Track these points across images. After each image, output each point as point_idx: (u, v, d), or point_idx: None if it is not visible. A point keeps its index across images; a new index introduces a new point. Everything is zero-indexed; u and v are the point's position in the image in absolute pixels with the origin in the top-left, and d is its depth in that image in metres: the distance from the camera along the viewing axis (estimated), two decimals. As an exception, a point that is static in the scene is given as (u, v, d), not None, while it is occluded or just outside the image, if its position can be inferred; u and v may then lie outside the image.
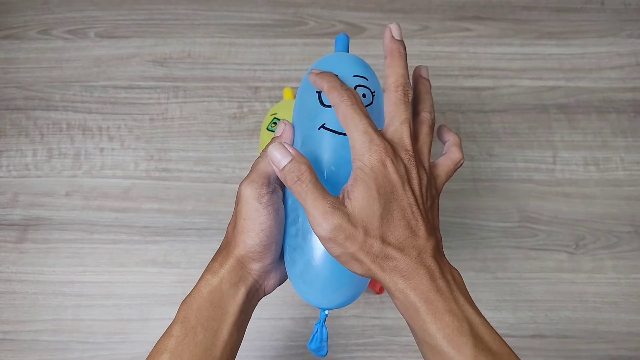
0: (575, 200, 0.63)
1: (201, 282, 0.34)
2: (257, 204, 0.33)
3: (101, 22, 0.72)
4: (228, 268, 0.34)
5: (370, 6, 0.73)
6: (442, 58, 0.70)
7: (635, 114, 0.67)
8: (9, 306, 0.59)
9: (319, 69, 0.36)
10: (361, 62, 0.38)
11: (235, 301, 0.34)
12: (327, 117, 0.34)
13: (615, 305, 0.59)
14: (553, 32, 0.71)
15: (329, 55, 0.38)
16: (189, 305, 0.34)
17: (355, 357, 0.57)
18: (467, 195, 0.63)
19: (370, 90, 0.36)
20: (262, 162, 0.34)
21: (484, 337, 0.29)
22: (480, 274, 0.60)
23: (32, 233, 0.62)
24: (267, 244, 0.34)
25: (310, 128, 0.35)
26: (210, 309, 0.33)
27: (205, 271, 0.35)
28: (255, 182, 0.33)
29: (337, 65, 0.36)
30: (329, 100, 0.33)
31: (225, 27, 0.72)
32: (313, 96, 0.36)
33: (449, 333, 0.28)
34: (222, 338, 0.33)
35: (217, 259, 0.35)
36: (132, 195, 0.63)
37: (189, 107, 0.67)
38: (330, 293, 0.34)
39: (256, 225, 0.33)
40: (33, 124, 0.67)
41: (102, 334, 0.58)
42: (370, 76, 0.37)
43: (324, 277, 0.34)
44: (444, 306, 0.29)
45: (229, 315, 0.34)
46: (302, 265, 0.34)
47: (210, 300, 0.33)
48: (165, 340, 0.33)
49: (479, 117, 0.67)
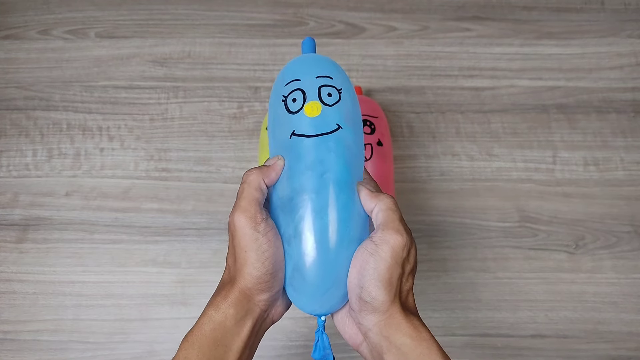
0: (575, 200, 0.63)
1: (203, 318, 0.32)
2: (255, 232, 0.32)
3: (101, 22, 0.72)
4: (232, 301, 0.32)
5: (370, 6, 0.73)
6: (442, 58, 0.70)
7: (635, 114, 0.67)
8: (9, 306, 0.59)
9: (286, 74, 0.37)
10: (326, 62, 0.38)
11: (240, 338, 0.33)
12: (295, 124, 0.35)
13: (615, 305, 0.59)
14: (553, 32, 0.71)
15: (295, 59, 0.39)
16: (190, 344, 0.32)
17: (354, 357, 0.57)
18: (467, 195, 0.63)
19: (335, 88, 0.36)
20: (248, 189, 0.33)
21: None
22: (480, 274, 0.60)
23: (32, 233, 0.62)
24: (273, 271, 0.33)
25: (282, 137, 0.35)
26: (213, 348, 0.31)
27: (207, 306, 0.33)
28: (247, 210, 0.32)
29: (300, 68, 0.37)
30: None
31: (225, 27, 0.72)
32: (280, 105, 0.36)
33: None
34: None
35: (220, 293, 0.33)
36: (132, 195, 0.63)
37: (189, 107, 0.67)
38: (320, 296, 0.34)
39: (259, 254, 0.32)
40: (33, 124, 0.67)
41: (102, 334, 0.58)
42: (335, 74, 0.37)
43: (311, 281, 0.33)
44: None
45: (232, 352, 0.32)
46: (290, 271, 0.34)
47: (213, 338, 0.32)
48: None
49: (479, 117, 0.67)
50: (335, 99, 0.35)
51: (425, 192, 0.64)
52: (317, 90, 0.35)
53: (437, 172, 0.64)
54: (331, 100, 0.35)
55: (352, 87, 0.38)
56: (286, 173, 0.35)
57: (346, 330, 0.35)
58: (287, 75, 0.37)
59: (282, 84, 0.37)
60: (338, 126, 0.35)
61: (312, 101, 0.35)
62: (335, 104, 0.35)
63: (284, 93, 0.36)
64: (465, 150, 0.65)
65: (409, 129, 0.66)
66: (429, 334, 0.32)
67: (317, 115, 0.35)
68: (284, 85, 0.37)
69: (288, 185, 0.34)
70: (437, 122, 0.67)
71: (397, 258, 0.32)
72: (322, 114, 0.35)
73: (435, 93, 0.68)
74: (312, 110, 0.35)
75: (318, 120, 0.35)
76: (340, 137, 0.35)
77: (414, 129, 0.66)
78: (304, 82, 0.36)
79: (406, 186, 0.64)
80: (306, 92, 0.35)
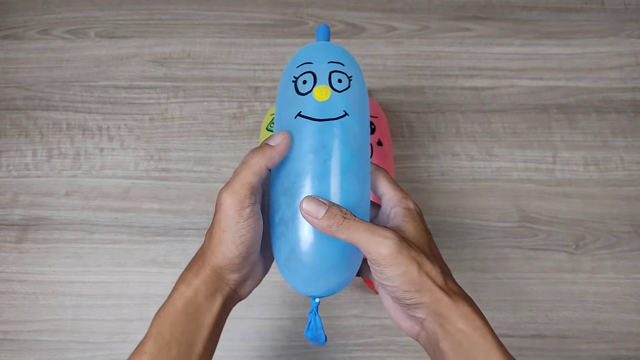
0: (575, 200, 0.63)
1: (175, 294, 0.33)
2: (238, 216, 0.32)
3: (101, 22, 0.72)
4: (203, 278, 0.33)
5: (370, 6, 0.73)
6: (442, 58, 0.70)
7: (635, 114, 0.67)
8: (9, 306, 0.59)
9: (299, 56, 0.37)
10: (339, 50, 0.38)
11: (211, 313, 0.33)
12: (302, 105, 0.35)
13: (615, 305, 0.59)
14: (553, 32, 0.71)
15: (310, 44, 0.39)
16: (162, 319, 0.32)
17: (354, 357, 0.57)
18: (467, 195, 0.63)
19: (346, 75, 0.36)
20: (245, 171, 0.32)
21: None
22: (480, 274, 0.60)
23: (32, 233, 0.62)
24: (246, 255, 0.33)
25: (288, 117, 0.35)
26: (185, 323, 0.32)
27: (178, 282, 0.34)
28: (237, 193, 0.32)
29: (314, 53, 0.37)
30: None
31: (225, 27, 0.72)
32: (289, 85, 0.36)
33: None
34: (196, 352, 0.32)
35: (192, 269, 0.34)
36: (132, 195, 0.63)
37: (189, 107, 0.67)
38: (315, 280, 0.34)
39: (236, 238, 0.32)
40: (33, 124, 0.67)
41: (102, 334, 0.58)
42: (347, 62, 0.37)
43: (307, 264, 0.34)
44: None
45: (204, 327, 0.33)
46: (286, 253, 0.34)
47: (185, 313, 0.32)
48: (138, 357, 0.32)
49: (479, 117, 0.67)
50: (344, 86, 0.35)
51: (425, 192, 0.63)
52: (328, 75, 0.35)
53: (437, 172, 0.64)
54: (341, 86, 0.35)
55: (362, 77, 0.38)
56: (289, 154, 0.35)
57: (401, 324, 0.35)
58: (300, 57, 0.37)
59: (294, 66, 0.37)
60: (345, 113, 0.35)
61: (321, 85, 0.35)
62: (344, 90, 0.35)
63: (295, 74, 0.36)
64: (466, 150, 0.65)
65: (409, 129, 0.66)
66: (481, 322, 0.31)
67: (326, 99, 0.35)
68: (296, 67, 0.37)
69: (290, 167, 0.34)
70: (437, 122, 0.67)
71: (419, 254, 0.32)
72: (331, 99, 0.35)
73: (435, 93, 0.68)
74: (321, 94, 0.35)
75: (326, 105, 0.35)
76: (346, 123, 0.35)
77: (414, 129, 0.66)
78: (315, 66, 0.36)
79: (406, 186, 0.64)
80: (317, 75, 0.36)
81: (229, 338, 0.56)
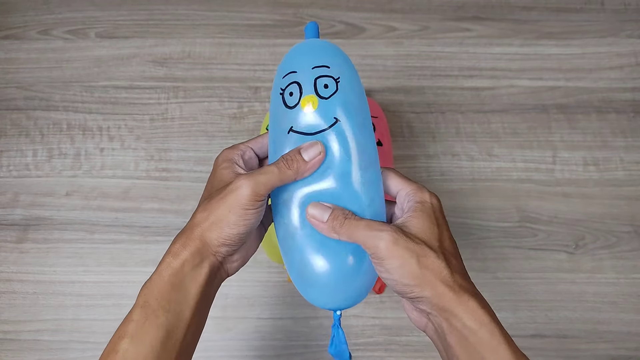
0: (575, 200, 0.63)
1: (162, 265, 0.33)
2: (250, 205, 0.33)
3: (101, 22, 0.72)
4: (191, 250, 0.33)
5: (370, 6, 0.73)
6: (441, 58, 0.70)
7: (634, 114, 0.67)
8: (9, 306, 0.59)
9: (283, 65, 0.37)
10: (324, 50, 0.37)
11: (197, 282, 0.33)
12: (292, 120, 0.35)
13: (614, 305, 0.59)
14: (553, 32, 0.71)
15: (294, 47, 0.38)
16: (149, 289, 0.33)
17: (354, 357, 0.57)
18: (466, 195, 0.63)
19: (332, 78, 0.35)
20: (274, 176, 0.33)
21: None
22: (480, 274, 0.60)
23: (33, 233, 0.62)
24: (244, 234, 0.34)
25: (281, 131, 0.35)
26: (172, 292, 0.32)
27: (166, 254, 0.34)
28: (258, 189, 0.33)
29: (298, 59, 0.36)
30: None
31: (225, 27, 0.72)
32: (278, 98, 0.36)
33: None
34: (184, 319, 0.32)
35: (179, 240, 0.34)
36: (132, 195, 0.63)
37: (189, 107, 0.67)
38: (331, 290, 0.34)
39: (240, 220, 0.33)
40: (33, 124, 0.67)
41: (102, 334, 0.58)
42: (333, 62, 0.36)
43: (319, 274, 0.34)
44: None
45: (191, 296, 0.33)
46: (298, 266, 0.34)
47: (171, 283, 0.32)
48: (125, 326, 0.32)
49: (479, 117, 0.67)
50: (332, 90, 0.35)
51: (425, 192, 0.63)
52: (313, 82, 0.35)
53: (437, 172, 0.64)
54: (327, 92, 0.34)
55: (352, 71, 0.36)
56: None
57: (410, 315, 0.36)
58: (285, 66, 0.37)
59: (280, 76, 0.36)
60: (336, 120, 0.34)
61: (307, 95, 0.34)
62: (332, 95, 0.34)
63: (281, 86, 0.36)
64: (465, 150, 0.65)
65: (409, 129, 0.67)
66: (488, 317, 0.31)
67: (314, 110, 0.34)
68: (282, 77, 0.36)
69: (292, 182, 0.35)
70: (437, 122, 0.67)
71: (430, 238, 0.32)
72: (319, 108, 0.34)
73: (435, 93, 0.68)
74: (308, 105, 0.34)
75: (315, 116, 0.34)
76: (339, 130, 0.34)
77: (414, 129, 0.67)
78: (300, 75, 0.35)
79: (406, 186, 0.64)
80: (302, 85, 0.35)
81: (229, 337, 0.56)
